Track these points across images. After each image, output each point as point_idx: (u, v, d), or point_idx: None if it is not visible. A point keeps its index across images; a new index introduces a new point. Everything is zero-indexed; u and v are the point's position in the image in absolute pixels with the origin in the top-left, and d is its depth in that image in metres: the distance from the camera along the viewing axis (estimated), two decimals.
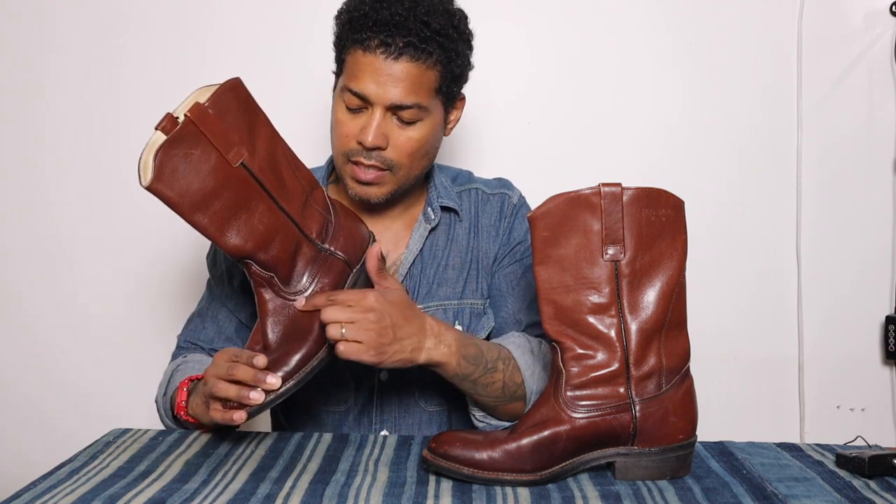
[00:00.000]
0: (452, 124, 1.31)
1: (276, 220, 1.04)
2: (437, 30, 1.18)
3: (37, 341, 1.89)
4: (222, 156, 0.98)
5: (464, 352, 1.15)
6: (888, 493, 0.93)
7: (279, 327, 1.05)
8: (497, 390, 1.19)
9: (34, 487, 0.94)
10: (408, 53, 1.16)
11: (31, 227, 1.88)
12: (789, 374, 1.84)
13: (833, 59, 1.79)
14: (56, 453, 1.14)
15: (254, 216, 1.02)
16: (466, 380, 1.17)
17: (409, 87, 1.17)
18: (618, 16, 1.80)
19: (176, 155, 0.95)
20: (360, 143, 1.19)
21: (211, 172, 0.98)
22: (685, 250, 0.99)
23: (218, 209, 0.99)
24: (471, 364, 1.16)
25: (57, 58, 1.84)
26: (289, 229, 1.06)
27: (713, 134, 1.82)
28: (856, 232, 1.81)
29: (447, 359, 1.13)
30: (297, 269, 1.07)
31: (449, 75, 1.22)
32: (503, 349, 1.21)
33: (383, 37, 1.15)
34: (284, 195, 1.05)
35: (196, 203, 0.98)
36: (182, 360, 1.28)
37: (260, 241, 1.03)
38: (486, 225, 1.35)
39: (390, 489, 0.94)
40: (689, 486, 0.96)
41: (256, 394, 0.99)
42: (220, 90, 0.99)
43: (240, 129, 1.01)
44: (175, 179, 0.95)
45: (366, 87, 1.17)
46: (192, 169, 0.96)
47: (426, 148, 1.24)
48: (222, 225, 1.00)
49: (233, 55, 1.82)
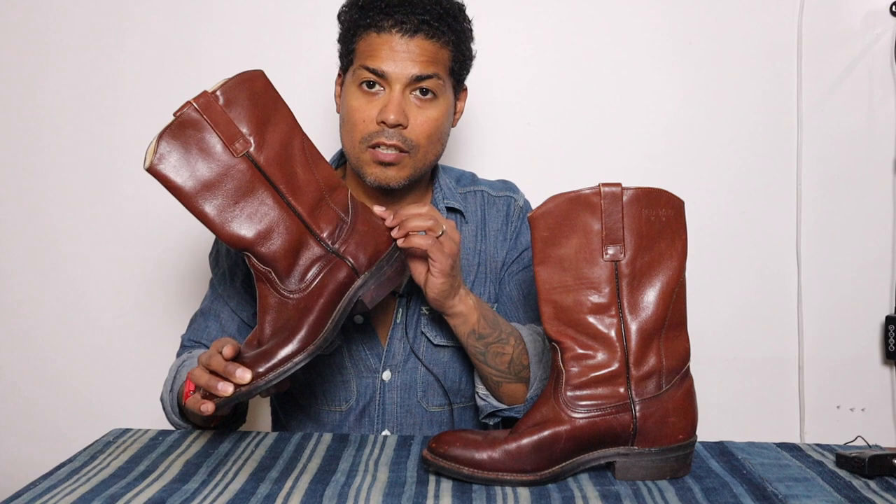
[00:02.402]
0: (459, 115, 1.33)
1: (279, 214, 1.03)
2: (448, 10, 1.22)
3: (37, 341, 1.89)
4: (225, 145, 0.99)
5: (483, 311, 1.20)
6: (888, 493, 0.93)
7: (273, 323, 1.04)
8: (504, 363, 1.21)
9: (34, 487, 0.94)
10: (423, 31, 1.19)
11: (30, 228, 1.88)
12: (789, 374, 1.84)
13: (833, 59, 1.79)
14: (56, 453, 1.14)
15: (255, 208, 1.01)
16: (481, 340, 1.19)
17: (427, 62, 1.20)
18: (618, 16, 1.80)
19: (178, 141, 0.97)
20: (383, 121, 1.20)
21: (212, 161, 0.98)
22: (685, 250, 0.99)
23: (217, 198, 0.99)
24: (488, 326, 1.19)
25: (57, 58, 1.84)
26: (293, 224, 1.04)
27: (713, 134, 1.82)
28: (856, 232, 1.81)
29: (470, 311, 1.18)
30: (299, 266, 1.04)
31: (459, 56, 1.25)
32: (516, 330, 1.24)
33: (399, 16, 1.19)
34: (293, 190, 1.04)
35: (195, 190, 0.98)
36: (187, 355, 1.28)
37: (259, 234, 1.02)
38: (492, 228, 1.35)
39: (390, 489, 0.94)
40: (689, 486, 0.96)
41: (224, 385, 0.97)
42: (234, 80, 1.00)
43: (250, 120, 1.01)
44: (175, 165, 0.97)
45: (384, 64, 1.19)
46: (193, 156, 0.98)
47: (441, 131, 1.25)
48: (221, 214, 1.00)
49: (233, 55, 1.82)
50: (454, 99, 1.28)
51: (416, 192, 1.33)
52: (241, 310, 1.32)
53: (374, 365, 1.30)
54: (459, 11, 1.25)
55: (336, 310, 1.04)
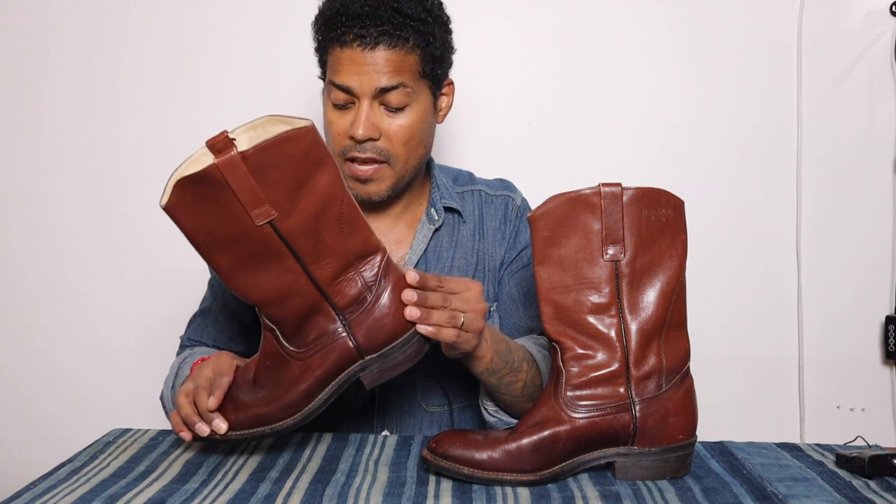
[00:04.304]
0: (445, 111, 1.32)
1: (296, 280, 0.96)
2: (410, 15, 1.19)
3: (37, 342, 1.89)
4: (246, 211, 0.91)
5: (496, 347, 1.14)
6: (888, 493, 0.93)
7: (266, 372, 1.00)
8: (518, 390, 1.18)
9: (34, 487, 0.94)
10: (384, 42, 1.17)
11: (30, 228, 1.88)
12: (789, 374, 1.84)
13: (833, 59, 1.79)
14: (56, 453, 1.14)
15: (271, 271, 0.95)
16: (494, 375, 1.15)
17: (391, 72, 1.18)
18: (618, 16, 1.80)
19: (195, 190, 0.90)
20: (352, 136, 1.20)
21: (230, 222, 0.92)
22: (685, 250, 0.99)
23: (232, 254, 0.94)
24: (501, 360, 1.14)
25: (57, 58, 1.84)
26: (309, 292, 0.97)
27: (713, 134, 1.82)
28: (856, 232, 1.81)
29: (485, 353, 1.11)
30: (306, 332, 0.98)
31: (429, 58, 1.22)
32: (527, 351, 1.21)
33: (357, 30, 1.17)
34: (317, 258, 0.96)
35: (207, 243, 0.94)
36: (189, 352, 1.27)
37: (271, 297, 0.96)
38: (491, 228, 1.35)
39: (390, 489, 0.94)
40: (689, 486, 0.96)
41: (202, 426, 0.98)
42: (274, 140, 0.90)
43: (281, 187, 0.92)
44: (191, 213, 0.91)
45: (348, 79, 1.19)
46: (210, 211, 0.91)
47: (420, 135, 1.24)
48: (233, 271, 0.95)
49: (234, 55, 1.82)
50: (433, 97, 1.27)
51: (412, 195, 1.33)
52: (243, 313, 1.31)
53: None
54: (426, 11, 1.21)
55: (329, 387, 0.98)
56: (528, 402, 1.20)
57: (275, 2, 1.81)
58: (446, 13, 1.28)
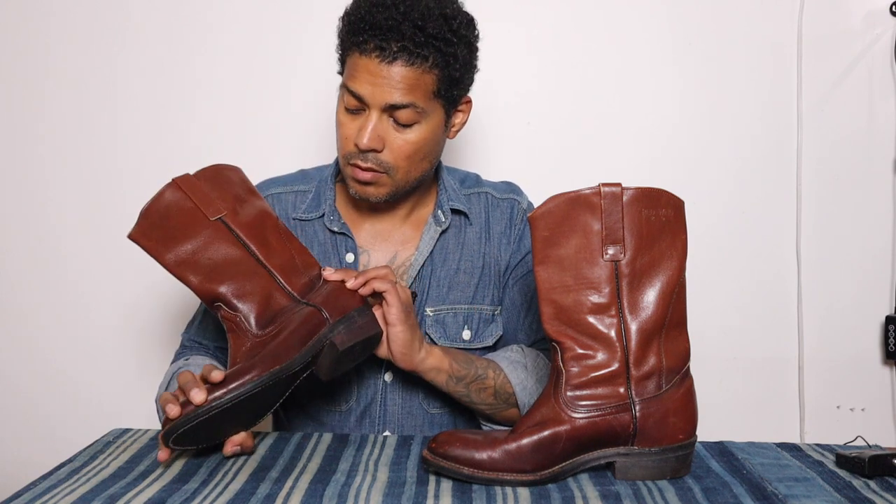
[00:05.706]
0: (457, 127, 1.30)
1: (250, 267, 1.11)
2: (433, 34, 1.16)
3: (37, 341, 1.89)
4: (201, 211, 1.11)
5: (453, 354, 1.23)
6: (888, 493, 0.93)
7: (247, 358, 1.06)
8: (490, 395, 1.24)
9: (34, 487, 0.94)
10: (402, 58, 1.16)
11: (30, 228, 1.88)
12: (789, 375, 1.84)
13: (833, 59, 1.79)
14: (56, 453, 1.14)
15: (231, 269, 1.10)
16: (460, 382, 1.22)
17: (404, 90, 1.17)
18: (618, 16, 1.80)
19: (159, 209, 1.10)
20: (356, 144, 1.20)
21: (188, 225, 1.10)
22: (685, 250, 0.99)
23: (189, 253, 1.09)
24: (462, 367, 1.22)
25: (57, 58, 1.84)
26: (264, 278, 1.12)
27: (713, 134, 1.82)
28: (856, 232, 1.81)
29: (440, 360, 1.21)
30: (269, 313, 1.10)
31: (447, 79, 1.20)
32: (490, 361, 1.26)
33: (378, 41, 1.16)
34: (267, 252, 1.13)
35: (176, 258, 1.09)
36: (184, 361, 1.28)
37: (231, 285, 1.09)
38: (497, 231, 1.35)
39: (390, 489, 0.94)
40: (689, 486, 0.96)
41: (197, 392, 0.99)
42: (216, 167, 1.16)
43: (227, 195, 1.14)
44: (155, 233, 1.09)
45: (362, 88, 1.18)
46: (172, 223, 1.09)
47: (424, 151, 1.23)
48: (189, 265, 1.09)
49: (234, 55, 1.82)
50: (445, 115, 1.25)
51: (419, 196, 1.33)
52: None
53: (376, 366, 1.30)
54: (451, 32, 1.18)
55: (306, 346, 1.06)
56: (508, 407, 1.25)
57: (275, 2, 1.81)
58: (475, 33, 1.25)
